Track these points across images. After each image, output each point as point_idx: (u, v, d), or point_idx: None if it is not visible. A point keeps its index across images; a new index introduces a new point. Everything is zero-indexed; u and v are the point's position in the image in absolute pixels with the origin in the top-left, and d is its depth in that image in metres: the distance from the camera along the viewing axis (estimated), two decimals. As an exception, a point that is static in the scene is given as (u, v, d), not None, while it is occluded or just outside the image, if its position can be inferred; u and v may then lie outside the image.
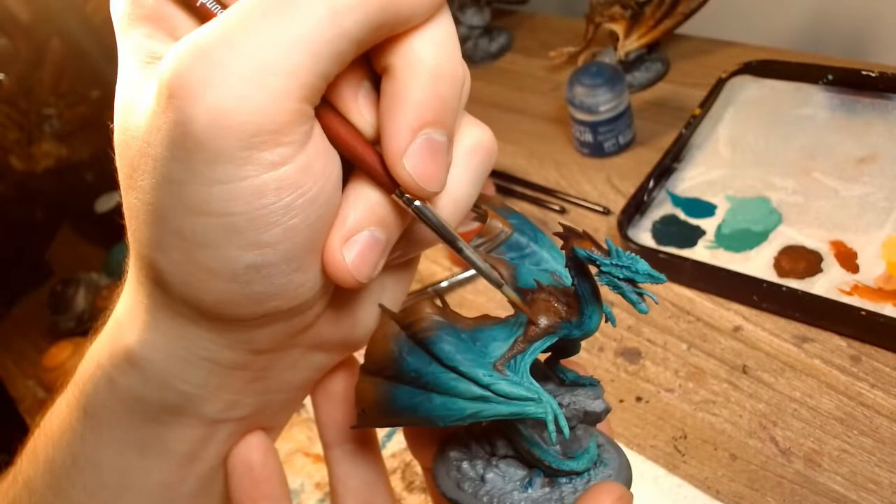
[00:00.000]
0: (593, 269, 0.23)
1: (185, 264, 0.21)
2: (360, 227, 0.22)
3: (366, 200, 0.22)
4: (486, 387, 0.22)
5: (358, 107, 0.22)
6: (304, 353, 0.26)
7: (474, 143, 0.23)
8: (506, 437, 0.25)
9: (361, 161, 0.22)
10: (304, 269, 0.22)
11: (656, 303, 0.23)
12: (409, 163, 0.21)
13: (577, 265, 0.23)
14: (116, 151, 0.22)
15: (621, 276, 0.22)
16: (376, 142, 0.22)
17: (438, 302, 0.24)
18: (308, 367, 0.27)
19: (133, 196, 0.22)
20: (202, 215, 0.20)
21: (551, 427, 0.22)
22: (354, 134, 0.22)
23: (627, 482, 0.25)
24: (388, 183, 0.22)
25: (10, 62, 0.95)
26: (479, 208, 0.27)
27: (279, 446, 0.65)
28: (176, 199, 0.20)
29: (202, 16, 0.22)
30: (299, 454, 0.66)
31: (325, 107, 0.21)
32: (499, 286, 0.24)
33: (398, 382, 0.23)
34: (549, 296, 0.24)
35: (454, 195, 0.23)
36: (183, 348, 0.24)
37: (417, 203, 0.22)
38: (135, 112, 0.21)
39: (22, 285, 1.02)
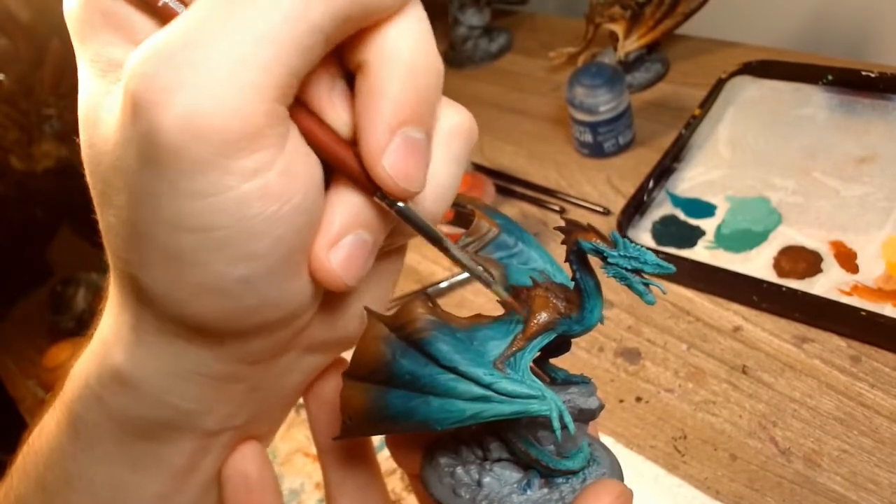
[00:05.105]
0: (595, 262, 0.23)
1: (172, 282, 0.20)
2: (346, 231, 0.21)
3: (350, 203, 0.21)
4: (487, 386, 0.21)
5: (333, 106, 0.21)
6: (299, 357, 0.26)
7: (453, 127, 0.22)
8: (500, 439, 0.25)
9: (340, 163, 0.21)
10: (295, 276, 0.21)
11: (664, 293, 0.23)
12: (388, 163, 0.20)
13: (581, 258, 0.23)
14: (86, 168, 0.21)
15: (629, 267, 0.22)
16: (353, 142, 0.21)
17: (429, 302, 0.24)
18: (303, 370, 0.27)
19: (110, 214, 0.21)
20: (185, 231, 0.19)
21: (556, 424, 0.21)
22: (331, 135, 0.21)
23: (620, 480, 0.25)
24: (368, 185, 0.21)
25: (10, 62, 0.95)
26: (466, 208, 0.27)
27: (279, 447, 0.66)
28: (155, 215, 0.19)
29: (165, 17, 0.20)
30: (299, 454, 0.66)
31: (299, 108, 0.20)
32: (488, 284, 0.24)
33: (390, 387, 0.22)
34: (547, 291, 0.24)
35: (437, 184, 0.22)
36: (174, 365, 0.23)
37: (400, 204, 0.21)
38: (100, 125, 0.20)
39: (22, 285, 1.02)
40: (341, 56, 0.21)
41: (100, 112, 0.20)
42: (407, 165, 0.20)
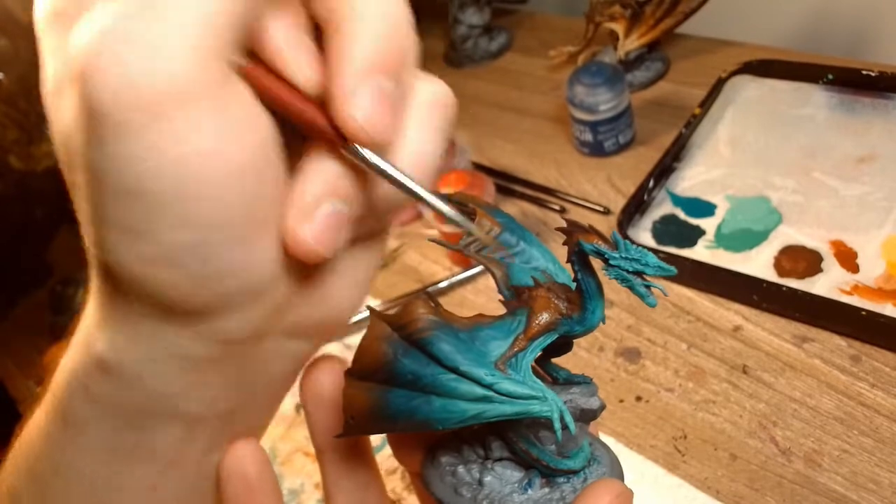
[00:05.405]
0: (597, 264, 0.23)
1: (126, 257, 0.20)
2: (318, 200, 0.21)
3: (323, 172, 0.21)
4: (488, 387, 0.21)
5: (296, 60, 0.20)
6: (283, 341, 0.25)
7: (431, 98, 0.22)
8: (501, 438, 0.25)
9: (301, 117, 0.20)
10: (250, 244, 0.21)
11: (665, 295, 0.23)
12: (358, 107, 0.19)
13: (582, 260, 0.23)
14: (60, 162, 0.21)
15: (630, 269, 0.22)
16: (322, 102, 0.20)
17: (431, 302, 0.24)
18: (288, 357, 0.26)
19: (80, 198, 0.21)
20: (127, 197, 0.19)
21: (557, 425, 0.21)
22: (290, 89, 0.20)
23: (620, 479, 0.25)
24: (335, 135, 0.20)
25: (10, 62, 0.95)
26: (468, 207, 0.27)
27: (279, 447, 0.66)
28: (102, 186, 0.19)
29: None
30: (299, 454, 0.66)
31: (256, 65, 0.20)
32: (466, 227, 0.23)
33: (392, 386, 0.22)
34: (549, 292, 0.24)
35: (416, 150, 0.22)
36: (150, 348, 0.23)
37: (368, 154, 0.20)
38: (63, 111, 0.20)
39: (22, 285, 1.01)
40: (309, 12, 0.20)
41: (62, 99, 0.20)
42: (375, 112, 0.20)
